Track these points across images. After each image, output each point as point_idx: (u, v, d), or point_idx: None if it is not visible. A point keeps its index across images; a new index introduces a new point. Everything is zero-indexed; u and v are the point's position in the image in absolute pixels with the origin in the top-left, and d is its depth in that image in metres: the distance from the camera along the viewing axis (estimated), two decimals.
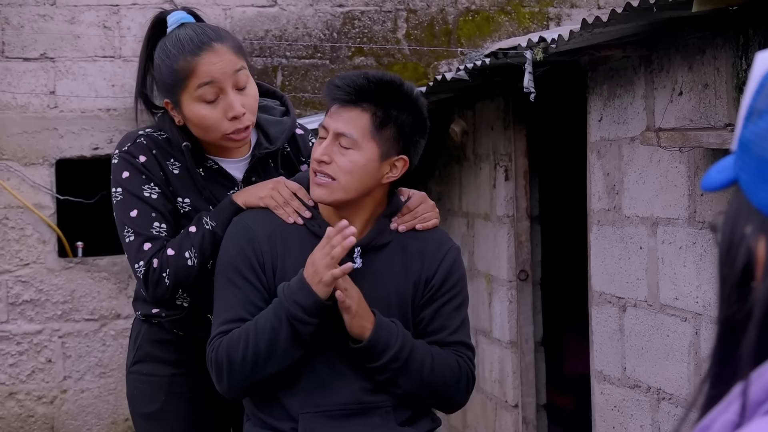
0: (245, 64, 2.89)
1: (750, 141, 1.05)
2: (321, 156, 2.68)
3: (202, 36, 2.86)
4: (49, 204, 6.46)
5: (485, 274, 6.19)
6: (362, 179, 2.70)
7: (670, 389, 4.17)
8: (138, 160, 2.92)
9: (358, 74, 2.71)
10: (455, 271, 2.86)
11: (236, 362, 2.69)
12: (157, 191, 2.91)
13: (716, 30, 3.79)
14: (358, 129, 2.66)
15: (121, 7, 6.53)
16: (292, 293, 2.65)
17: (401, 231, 2.83)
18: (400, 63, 6.86)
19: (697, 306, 3.96)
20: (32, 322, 6.45)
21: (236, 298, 2.73)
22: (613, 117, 4.56)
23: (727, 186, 1.09)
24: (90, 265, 6.52)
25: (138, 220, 2.88)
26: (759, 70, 1.07)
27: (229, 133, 2.85)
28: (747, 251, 1.05)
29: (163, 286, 2.84)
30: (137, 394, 3.17)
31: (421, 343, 2.80)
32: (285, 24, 6.73)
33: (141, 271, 2.86)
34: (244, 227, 2.78)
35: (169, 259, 2.84)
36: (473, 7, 6.94)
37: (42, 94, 6.43)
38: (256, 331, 2.68)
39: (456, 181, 6.68)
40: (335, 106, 2.70)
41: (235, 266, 2.74)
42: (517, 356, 5.86)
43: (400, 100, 2.70)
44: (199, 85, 2.83)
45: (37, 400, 6.49)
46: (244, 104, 2.85)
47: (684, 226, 4.03)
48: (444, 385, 2.82)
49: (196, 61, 2.83)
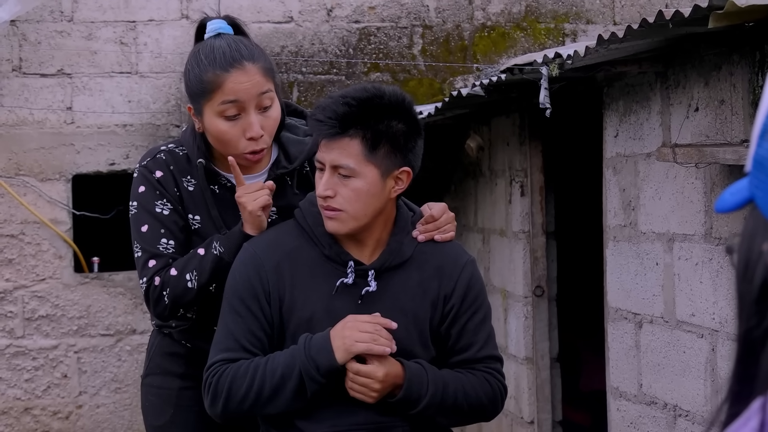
0: (272, 87, 2.89)
1: (765, 158, 1.05)
2: (324, 192, 2.66)
3: (235, 52, 2.85)
4: (65, 219, 6.48)
5: (501, 290, 6.18)
6: (369, 203, 2.69)
7: (686, 406, 4.15)
8: (154, 176, 2.94)
9: (337, 101, 2.63)
10: (474, 284, 2.85)
11: (237, 395, 2.70)
12: (170, 207, 2.93)
13: (732, 46, 3.79)
14: (353, 157, 2.63)
15: (138, 23, 6.55)
16: (311, 349, 2.65)
17: (420, 240, 2.83)
18: (415, 79, 6.87)
19: (713, 322, 3.94)
20: (48, 338, 6.46)
21: (237, 327, 2.74)
22: (629, 133, 4.56)
23: (742, 206, 1.09)
24: (106, 280, 6.53)
25: (146, 236, 2.92)
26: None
27: (244, 152, 2.86)
28: (765, 268, 1.04)
29: (163, 304, 2.89)
30: (148, 406, 3.21)
31: (451, 377, 2.78)
32: (301, 40, 6.74)
33: (143, 287, 2.92)
34: (252, 255, 2.76)
35: (170, 279, 2.87)
36: (489, 23, 6.95)
37: (59, 110, 6.46)
38: (265, 372, 2.68)
39: (471, 196, 6.68)
40: (324, 141, 2.65)
41: (239, 294, 2.74)
42: (532, 372, 5.85)
43: (386, 112, 2.65)
44: (223, 101, 2.83)
45: (52, 415, 6.49)
46: (264, 126, 2.86)
47: (700, 242, 4.02)
48: (481, 407, 2.83)
49: (224, 77, 2.83)
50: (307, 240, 2.77)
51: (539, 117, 4.90)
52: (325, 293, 2.73)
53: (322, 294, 2.73)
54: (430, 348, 2.80)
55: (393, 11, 6.85)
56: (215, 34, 2.92)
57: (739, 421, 1.03)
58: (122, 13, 6.54)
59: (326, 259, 2.74)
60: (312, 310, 2.71)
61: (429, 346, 2.79)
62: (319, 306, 2.72)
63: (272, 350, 2.75)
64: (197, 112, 2.91)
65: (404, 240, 2.79)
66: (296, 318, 2.72)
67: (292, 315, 2.72)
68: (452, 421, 2.85)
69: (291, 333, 2.73)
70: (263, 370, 2.68)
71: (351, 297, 2.73)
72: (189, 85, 2.92)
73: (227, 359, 2.73)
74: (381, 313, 2.72)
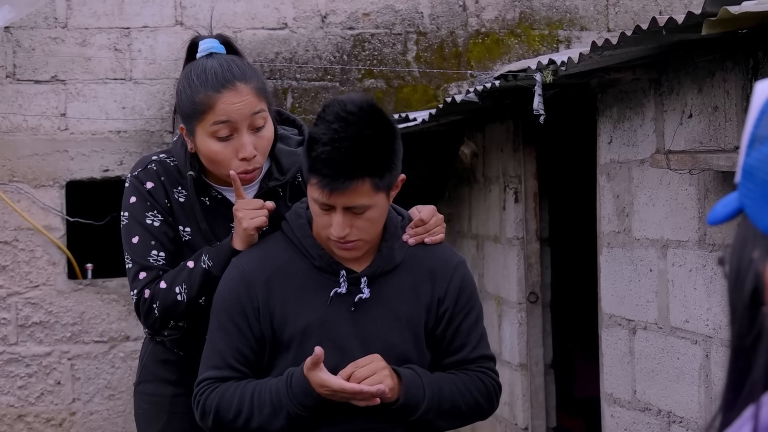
0: (265, 107, 2.88)
1: (753, 167, 1.07)
2: (343, 232, 2.62)
3: (227, 73, 2.84)
4: (59, 226, 6.47)
5: (495, 297, 6.18)
6: (381, 222, 2.72)
7: (680, 412, 4.15)
8: (145, 187, 2.94)
9: (338, 149, 2.56)
10: (466, 286, 2.86)
11: (223, 420, 2.73)
12: (160, 219, 2.94)
13: (726, 53, 3.80)
14: (365, 196, 2.60)
15: (132, 29, 6.55)
16: (294, 388, 2.66)
17: (411, 244, 2.83)
18: (410, 85, 6.87)
19: (707, 329, 3.95)
20: (41, 344, 6.45)
21: (224, 344, 2.75)
22: (623, 139, 4.56)
23: (733, 217, 1.10)
24: (99, 287, 6.52)
25: (137, 247, 2.93)
26: (759, 98, 1.09)
27: (237, 172, 2.86)
28: (755, 275, 1.05)
29: (153, 316, 2.90)
30: (141, 414, 3.22)
31: (445, 380, 2.80)
32: (295, 46, 6.75)
33: (134, 298, 2.93)
34: (241, 271, 2.76)
35: (160, 292, 2.88)
36: (483, 30, 6.96)
37: (53, 117, 6.45)
38: (252, 405, 2.70)
39: (466, 203, 6.68)
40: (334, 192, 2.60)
41: (228, 311, 2.75)
42: (527, 379, 5.85)
43: (379, 140, 2.61)
44: (215, 122, 2.82)
45: (46, 422, 6.48)
46: (257, 146, 2.85)
47: (694, 248, 4.03)
48: (478, 406, 2.85)
49: (216, 98, 2.82)
50: (296, 252, 2.77)
51: (533, 123, 4.90)
52: (319, 304, 2.72)
53: (315, 305, 2.72)
54: (425, 352, 2.80)
55: (387, 18, 6.85)
56: (207, 53, 2.91)
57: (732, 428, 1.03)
58: (116, 19, 6.53)
59: (317, 270, 2.74)
60: (306, 322, 2.71)
61: (424, 350, 2.80)
62: (313, 317, 2.71)
63: (262, 365, 2.77)
64: (189, 133, 2.90)
65: (395, 245, 2.79)
66: (290, 331, 2.72)
67: (285, 328, 2.72)
68: (451, 424, 2.86)
69: (285, 345, 2.74)
70: (249, 403, 2.71)
71: (344, 305, 2.73)
72: (181, 106, 2.91)
73: (214, 378, 2.75)
74: (375, 320, 2.73)
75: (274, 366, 2.76)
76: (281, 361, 2.74)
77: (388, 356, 2.72)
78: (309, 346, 2.70)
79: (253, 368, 2.77)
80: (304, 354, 2.70)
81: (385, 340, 2.73)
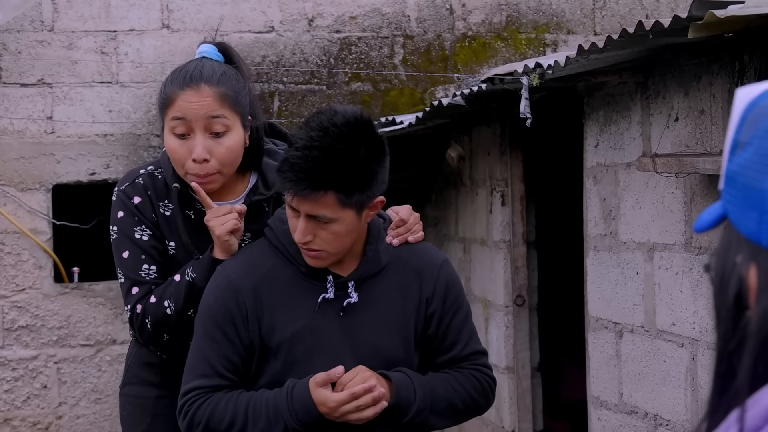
0: (229, 116, 2.87)
1: (735, 173, 1.09)
2: (303, 238, 2.63)
3: (196, 73, 2.88)
4: (45, 229, 6.45)
5: (482, 300, 6.18)
6: (348, 239, 2.68)
7: (667, 415, 4.16)
8: (132, 202, 2.96)
9: (306, 156, 2.54)
10: (453, 284, 2.87)
11: (216, 431, 2.72)
12: (148, 233, 2.96)
13: (712, 56, 3.81)
14: (329, 208, 2.59)
15: (119, 33, 6.54)
16: (295, 404, 2.65)
17: (395, 245, 2.83)
18: (396, 89, 6.88)
19: (693, 332, 3.96)
20: (28, 348, 6.43)
21: (212, 352, 2.73)
22: (610, 143, 4.57)
23: (718, 224, 1.12)
24: (86, 290, 6.51)
25: (128, 263, 2.95)
26: (739, 105, 1.10)
27: (189, 173, 2.87)
28: (738, 279, 1.07)
29: (147, 331, 2.94)
30: (126, 416, 3.24)
31: (439, 379, 2.81)
32: (282, 50, 6.74)
33: (128, 314, 2.97)
34: (227, 280, 2.75)
35: (150, 307, 2.91)
36: (470, 33, 6.97)
37: (39, 120, 6.44)
38: (246, 417, 2.69)
39: (452, 206, 6.68)
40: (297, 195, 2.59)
41: (215, 319, 2.73)
42: (513, 382, 5.85)
43: (355, 156, 2.58)
44: (173, 117, 2.86)
45: (32, 426, 6.46)
46: (213, 152, 2.85)
47: (680, 251, 4.04)
48: (474, 402, 2.87)
49: (177, 95, 2.86)
50: (282, 259, 2.76)
51: (520, 127, 4.91)
52: (306, 310, 2.72)
53: (303, 312, 2.72)
54: (414, 354, 2.81)
55: (374, 21, 6.86)
56: (199, 57, 2.96)
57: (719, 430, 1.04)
58: (103, 23, 6.52)
59: (304, 276, 2.74)
60: (294, 328, 2.71)
61: (412, 352, 2.80)
62: (301, 323, 2.71)
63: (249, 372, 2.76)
64: (162, 127, 2.95)
65: (380, 248, 2.79)
66: (278, 337, 2.71)
67: (273, 335, 2.71)
68: (449, 422, 2.89)
69: (274, 351, 2.73)
70: (244, 415, 2.70)
71: (333, 310, 2.73)
72: (157, 99, 2.99)
73: (204, 387, 2.73)
74: (364, 323, 2.73)
75: (263, 373, 2.75)
76: (269, 368, 2.74)
77: (377, 359, 2.73)
78: (297, 352, 2.70)
79: (242, 376, 2.76)
80: (292, 361, 2.70)
81: (373, 343, 2.73)
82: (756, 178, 1.05)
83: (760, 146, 1.05)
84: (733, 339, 1.06)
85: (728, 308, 1.08)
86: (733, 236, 1.09)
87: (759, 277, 1.05)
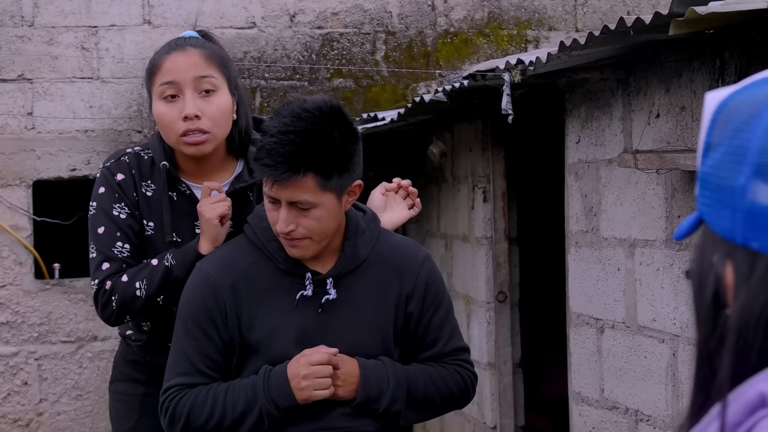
0: (217, 76, 2.90)
1: (708, 174, 1.11)
2: (286, 228, 2.62)
3: (182, 40, 2.94)
4: (26, 225, 6.43)
5: (464, 296, 6.19)
6: (331, 225, 2.68)
7: (648, 411, 4.17)
8: (115, 178, 2.95)
9: (281, 141, 2.56)
10: (433, 281, 2.86)
11: (196, 423, 2.72)
12: (126, 212, 2.95)
13: (693, 53, 3.82)
14: (309, 192, 2.59)
15: (100, 28, 6.52)
16: (270, 389, 2.66)
17: (405, 187, 3.06)
18: (378, 85, 6.88)
19: (674, 327, 3.97)
20: (8, 345, 6.41)
21: (193, 350, 2.73)
22: (591, 139, 4.58)
23: (696, 228, 1.14)
24: (67, 286, 6.49)
25: (102, 238, 2.93)
26: (709, 107, 1.13)
27: (180, 133, 2.86)
28: (716, 278, 1.08)
29: (110, 308, 2.91)
30: (114, 412, 3.24)
31: (420, 371, 2.82)
32: (264, 45, 6.73)
33: (94, 288, 2.94)
34: (206, 277, 2.74)
35: (120, 285, 2.89)
36: (452, 30, 6.97)
37: (19, 116, 6.41)
38: (225, 405, 2.70)
39: (434, 202, 6.69)
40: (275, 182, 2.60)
41: (194, 317, 2.73)
42: (495, 378, 5.86)
43: (329, 134, 2.59)
44: (162, 82, 2.88)
45: (12, 423, 6.44)
46: (204, 110, 2.86)
47: (661, 247, 4.05)
48: (453, 396, 2.87)
49: (164, 59, 2.89)
50: (260, 256, 2.76)
51: (502, 123, 4.91)
52: (285, 308, 2.72)
53: (281, 309, 2.72)
54: (393, 352, 2.80)
55: (356, 17, 6.85)
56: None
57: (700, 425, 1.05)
58: (84, 18, 6.50)
59: (282, 273, 2.73)
60: (272, 325, 2.71)
61: (391, 349, 2.80)
62: (280, 320, 2.71)
63: (230, 369, 2.76)
64: (149, 103, 2.96)
65: (359, 243, 2.79)
66: (256, 334, 2.71)
67: (252, 332, 2.71)
68: (425, 415, 2.89)
69: (254, 348, 2.73)
70: (223, 402, 2.70)
71: (311, 307, 2.72)
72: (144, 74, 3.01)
73: (184, 384, 2.74)
74: (342, 321, 2.73)
75: (243, 370, 2.75)
76: (250, 365, 2.74)
77: (355, 357, 2.73)
78: (276, 349, 2.70)
79: (222, 373, 2.76)
80: (272, 358, 2.70)
81: (352, 341, 2.74)
82: (727, 177, 1.07)
83: (730, 145, 1.07)
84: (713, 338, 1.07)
85: (707, 308, 1.09)
86: (709, 237, 1.11)
87: (735, 275, 1.06)
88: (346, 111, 2.69)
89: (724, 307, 1.07)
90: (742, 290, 1.05)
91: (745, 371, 1.03)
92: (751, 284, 1.04)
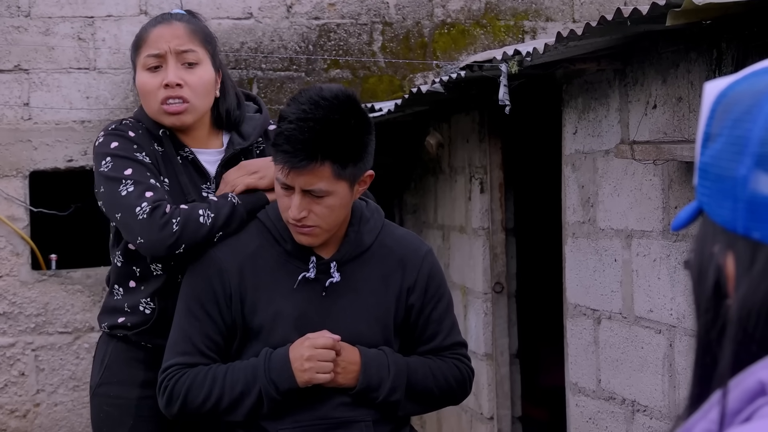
0: (200, 51, 2.92)
1: (708, 164, 1.11)
2: (299, 214, 2.62)
3: (167, 15, 3.00)
4: (22, 216, 6.43)
5: (461, 287, 6.19)
6: (342, 213, 2.70)
7: (644, 401, 4.18)
8: (129, 134, 2.91)
9: (301, 128, 2.56)
10: (435, 275, 2.88)
11: (194, 402, 2.72)
12: (148, 160, 2.87)
13: (690, 44, 3.82)
14: (325, 180, 2.60)
15: (96, 19, 6.51)
16: (271, 371, 2.67)
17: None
18: (375, 75, 6.87)
19: (671, 318, 3.98)
20: (5, 335, 6.41)
21: (194, 330, 2.73)
22: (588, 130, 4.58)
23: (695, 218, 1.14)
24: (64, 277, 6.48)
25: (135, 174, 2.80)
26: (708, 98, 1.13)
27: (161, 101, 2.86)
28: (716, 269, 1.08)
29: (169, 229, 2.71)
30: (103, 418, 3.09)
31: (420, 363, 2.83)
32: (260, 36, 6.73)
33: (146, 210, 2.73)
34: (213, 259, 2.75)
35: (181, 211, 2.74)
36: (449, 21, 6.96)
37: (16, 106, 6.41)
38: (224, 385, 2.70)
39: (431, 193, 6.69)
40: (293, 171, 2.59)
41: (198, 298, 2.73)
42: (492, 368, 5.87)
43: (347, 127, 2.60)
44: (147, 54, 2.92)
45: (9, 413, 6.44)
46: (186, 79, 2.88)
47: (658, 238, 4.05)
48: (450, 390, 2.88)
49: (150, 31, 2.94)
50: (268, 239, 2.77)
51: (499, 114, 4.91)
52: (288, 290, 2.73)
53: (285, 291, 2.73)
54: (393, 343, 2.82)
55: (353, 8, 6.85)
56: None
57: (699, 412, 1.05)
58: (80, 8, 6.49)
59: (288, 256, 2.74)
60: (276, 308, 2.72)
61: (391, 340, 2.81)
62: (283, 303, 2.72)
63: (230, 353, 2.77)
64: (134, 76, 2.99)
65: (363, 230, 2.80)
66: (259, 318, 2.72)
67: (256, 315, 2.72)
68: (423, 407, 2.91)
69: (255, 332, 2.74)
70: (222, 382, 2.70)
71: (315, 291, 2.74)
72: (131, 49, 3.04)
73: (184, 363, 2.74)
74: (345, 309, 2.73)
75: (243, 353, 2.76)
76: (250, 349, 2.75)
77: (356, 345, 2.74)
78: (277, 334, 2.70)
79: (223, 355, 2.77)
80: (273, 342, 2.70)
81: (353, 329, 2.75)
82: (728, 167, 1.07)
83: (730, 135, 1.07)
84: (714, 328, 1.08)
85: (708, 298, 1.09)
86: (709, 228, 1.11)
87: (737, 265, 1.06)
88: (359, 100, 2.71)
89: (725, 298, 1.08)
90: (743, 281, 1.05)
91: (745, 360, 1.03)
92: (752, 274, 1.04)
